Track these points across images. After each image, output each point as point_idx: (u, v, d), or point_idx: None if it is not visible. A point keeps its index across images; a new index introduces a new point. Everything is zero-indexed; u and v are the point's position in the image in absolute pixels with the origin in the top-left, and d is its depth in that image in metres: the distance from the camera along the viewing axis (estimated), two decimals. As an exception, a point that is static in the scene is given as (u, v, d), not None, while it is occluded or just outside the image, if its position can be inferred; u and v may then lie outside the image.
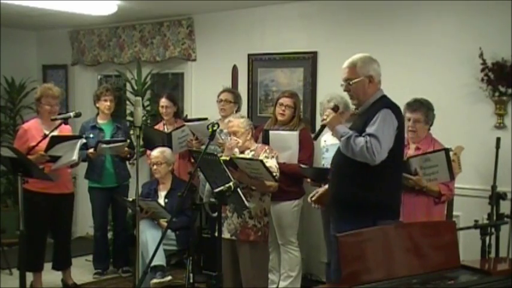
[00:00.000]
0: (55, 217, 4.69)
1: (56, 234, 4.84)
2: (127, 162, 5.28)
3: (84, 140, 4.66)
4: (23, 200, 3.81)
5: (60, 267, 4.90)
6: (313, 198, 3.99)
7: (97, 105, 5.21)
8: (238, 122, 4.09)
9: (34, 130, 4.50)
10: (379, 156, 3.00)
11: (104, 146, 4.84)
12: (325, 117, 3.27)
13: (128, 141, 5.00)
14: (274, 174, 3.89)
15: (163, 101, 5.22)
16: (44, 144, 4.27)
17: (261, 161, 3.80)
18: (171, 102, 5.23)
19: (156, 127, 5.30)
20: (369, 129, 3.04)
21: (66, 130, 4.68)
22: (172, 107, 5.23)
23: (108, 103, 5.14)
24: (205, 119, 4.74)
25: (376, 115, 3.07)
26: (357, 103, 3.26)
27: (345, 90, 3.28)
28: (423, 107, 3.74)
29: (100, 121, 5.19)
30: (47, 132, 4.32)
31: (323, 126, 3.33)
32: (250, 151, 4.10)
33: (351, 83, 3.19)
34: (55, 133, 4.37)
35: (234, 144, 4.01)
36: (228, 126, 4.13)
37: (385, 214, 3.06)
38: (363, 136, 3.04)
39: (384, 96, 3.23)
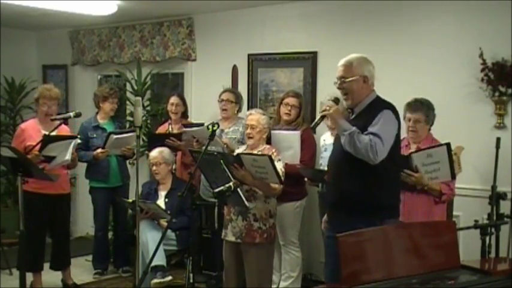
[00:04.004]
0: (53, 217, 4.68)
1: (54, 234, 4.83)
2: (127, 162, 5.27)
3: (78, 140, 4.54)
4: (23, 200, 3.81)
5: (59, 267, 4.89)
6: None
7: (101, 105, 5.19)
8: (259, 117, 4.03)
9: (31, 130, 4.49)
10: (381, 156, 3.03)
11: (116, 136, 4.79)
12: (326, 107, 3.22)
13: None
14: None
15: (173, 99, 5.20)
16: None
17: (269, 156, 3.67)
18: (181, 100, 5.23)
19: (161, 127, 5.28)
20: (372, 129, 3.06)
21: (64, 131, 4.64)
22: (182, 105, 5.22)
23: (114, 105, 5.18)
24: (202, 124, 4.72)
25: (378, 115, 3.09)
26: (350, 103, 3.24)
27: (338, 88, 3.25)
28: (423, 107, 3.74)
29: (101, 121, 5.19)
30: (45, 132, 4.30)
31: (322, 117, 3.31)
32: (258, 151, 4.01)
33: (345, 81, 3.18)
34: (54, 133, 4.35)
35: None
36: (247, 119, 4.07)
37: (391, 213, 3.13)
38: (366, 134, 3.05)
39: (379, 97, 3.24)
